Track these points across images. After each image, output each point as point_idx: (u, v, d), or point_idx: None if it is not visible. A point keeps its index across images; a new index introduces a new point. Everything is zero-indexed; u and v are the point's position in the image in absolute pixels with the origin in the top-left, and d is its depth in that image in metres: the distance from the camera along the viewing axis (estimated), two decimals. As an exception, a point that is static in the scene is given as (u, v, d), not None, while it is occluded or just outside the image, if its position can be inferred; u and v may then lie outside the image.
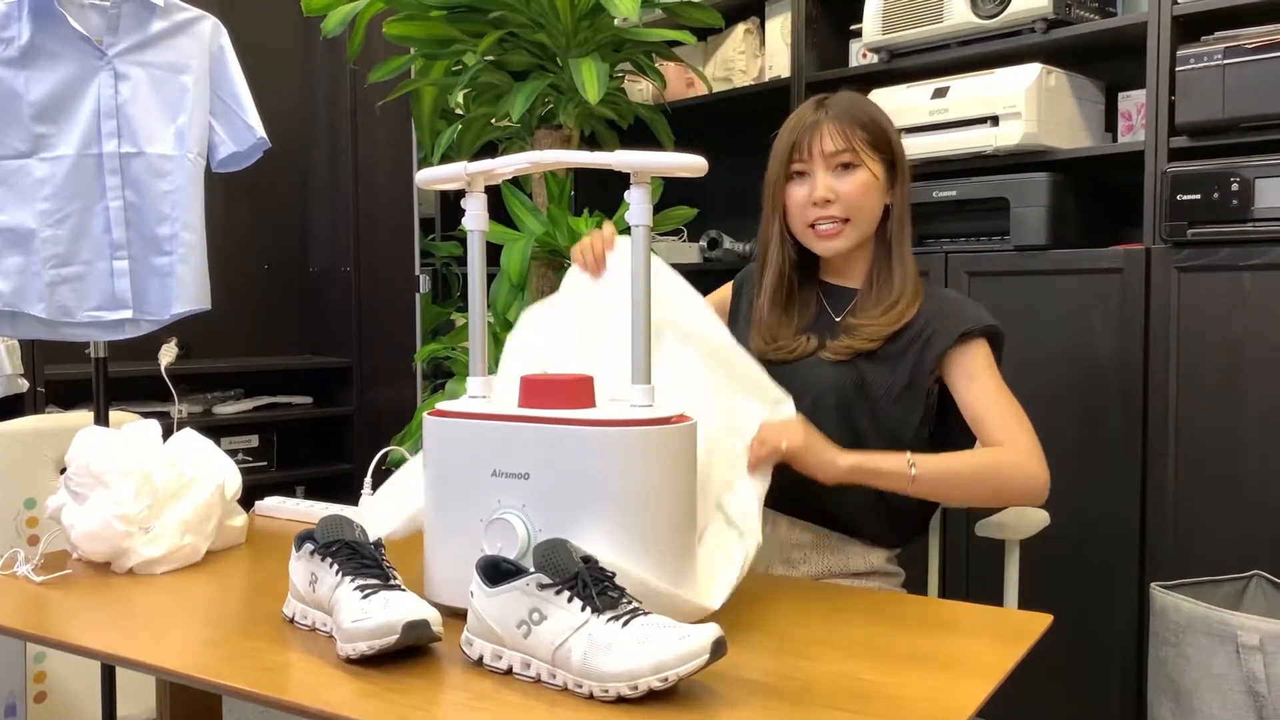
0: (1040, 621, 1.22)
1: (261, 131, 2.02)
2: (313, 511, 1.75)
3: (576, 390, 1.18)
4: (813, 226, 1.55)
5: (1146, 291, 2.24)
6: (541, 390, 1.17)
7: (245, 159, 2.04)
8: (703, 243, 3.33)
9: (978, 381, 1.50)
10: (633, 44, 2.70)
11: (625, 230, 1.24)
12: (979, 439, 1.49)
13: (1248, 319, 2.11)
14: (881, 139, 1.55)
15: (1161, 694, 2.04)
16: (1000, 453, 1.45)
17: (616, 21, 2.56)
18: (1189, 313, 2.19)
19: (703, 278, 2.72)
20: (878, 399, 1.51)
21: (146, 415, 2.40)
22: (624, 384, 1.18)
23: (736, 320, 1.70)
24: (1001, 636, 1.16)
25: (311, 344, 3.56)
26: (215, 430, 3.08)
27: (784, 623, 1.20)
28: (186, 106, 1.96)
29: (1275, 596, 2.06)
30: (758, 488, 1.34)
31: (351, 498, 3.15)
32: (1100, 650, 2.33)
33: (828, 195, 1.53)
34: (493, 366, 1.85)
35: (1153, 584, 2.11)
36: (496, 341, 2.73)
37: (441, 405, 1.23)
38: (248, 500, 1.60)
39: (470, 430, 1.18)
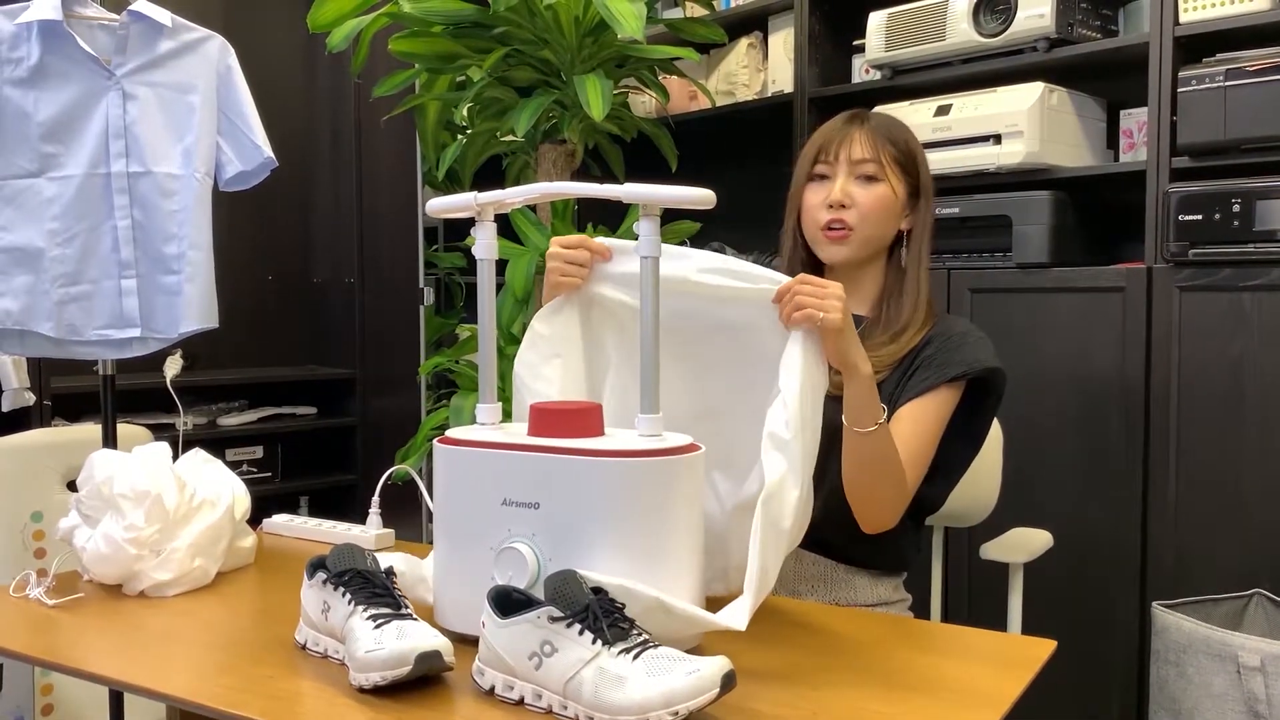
0: (1044, 647, 1.23)
1: (269, 151, 2.03)
2: (320, 530, 1.76)
3: (585, 419, 1.19)
4: (825, 229, 1.54)
5: (1148, 310, 2.25)
6: (551, 419, 1.18)
7: (253, 178, 2.05)
8: (705, 255, 3.33)
9: (915, 411, 1.46)
10: (636, 60, 2.71)
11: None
12: None
13: (1249, 339, 2.13)
14: (910, 161, 1.55)
15: (1163, 714, 2.05)
16: (903, 475, 1.43)
17: (620, 37, 2.57)
18: (1190, 332, 2.20)
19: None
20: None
21: (151, 427, 2.42)
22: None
23: None
24: (1006, 663, 1.17)
25: (315, 355, 3.57)
26: (220, 442, 3.09)
27: (793, 649, 1.21)
28: (194, 126, 1.97)
29: (1276, 615, 2.07)
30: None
31: (355, 508, 3.18)
32: (1101, 669, 2.34)
33: (843, 199, 1.52)
34: (501, 389, 1.85)
35: (1154, 603, 2.12)
36: (502, 355, 2.75)
37: (451, 433, 1.24)
38: (254, 510, 1.61)
39: (480, 459, 1.19)
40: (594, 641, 0.98)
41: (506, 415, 1.35)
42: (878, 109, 2.72)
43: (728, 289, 1.32)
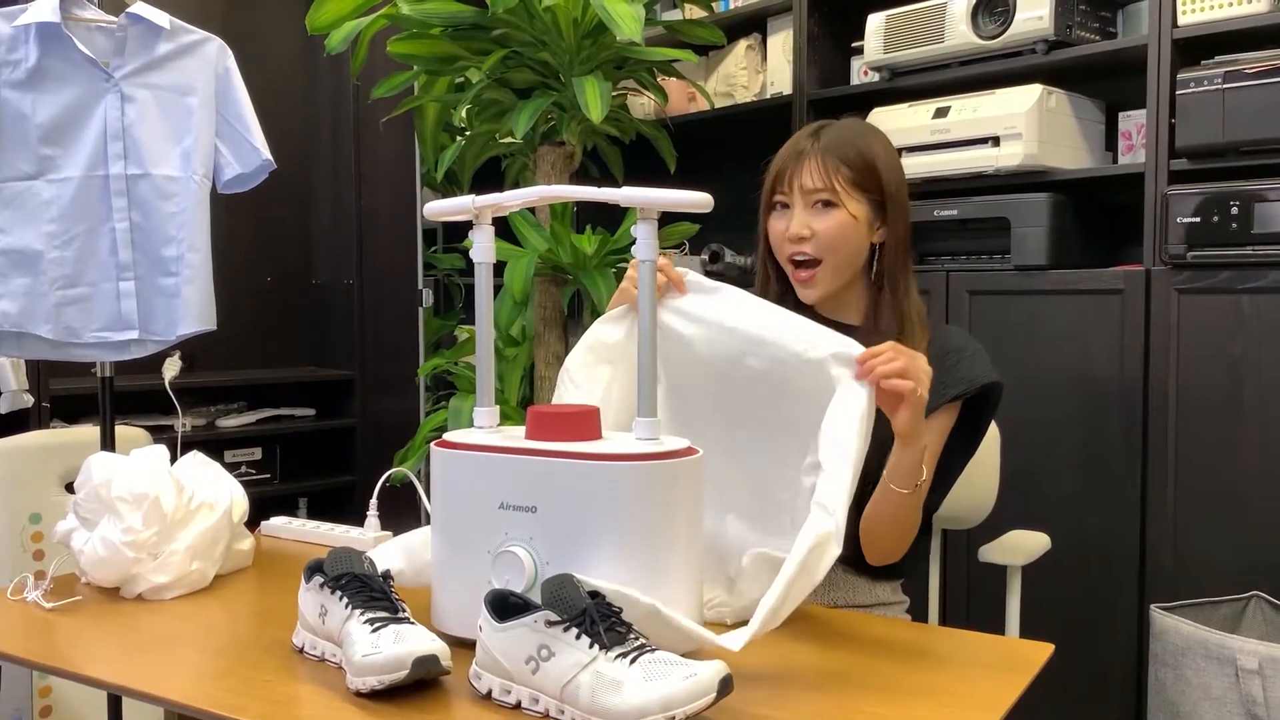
0: (1042, 651, 1.23)
1: (267, 153, 2.03)
2: (318, 532, 1.76)
3: (583, 422, 1.19)
4: (792, 265, 1.53)
5: (1146, 312, 2.25)
6: (548, 422, 1.18)
7: (251, 180, 2.05)
8: (704, 256, 3.34)
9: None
10: (635, 62, 2.71)
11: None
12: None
13: (1247, 341, 2.13)
14: (869, 177, 1.50)
15: (1161, 716, 2.05)
16: (918, 523, 1.46)
17: (618, 39, 2.58)
18: (1189, 334, 2.20)
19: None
20: (875, 448, 1.41)
21: (150, 429, 2.42)
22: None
23: None
24: (1004, 667, 1.17)
25: (314, 356, 3.57)
26: (218, 443, 3.09)
27: (791, 652, 1.21)
28: (192, 128, 1.97)
29: (1274, 617, 2.07)
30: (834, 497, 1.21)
31: (354, 510, 3.18)
32: (1100, 672, 2.34)
33: (801, 232, 1.50)
34: (499, 391, 1.85)
35: (1152, 606, 2.12)
36: (501, 357, 2.75)
37: (449, 436, 1.24)
38: (253, 512, 1.61)
39: (477, 463, 1.19)
40: (591, 646, 0.98)
41: (505, 418, 1.35)
42: (876, 111, 2.74)
43: (791, 342, 1.32)
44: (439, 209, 1.30)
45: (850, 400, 1.26)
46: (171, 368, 2.43)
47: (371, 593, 1.13)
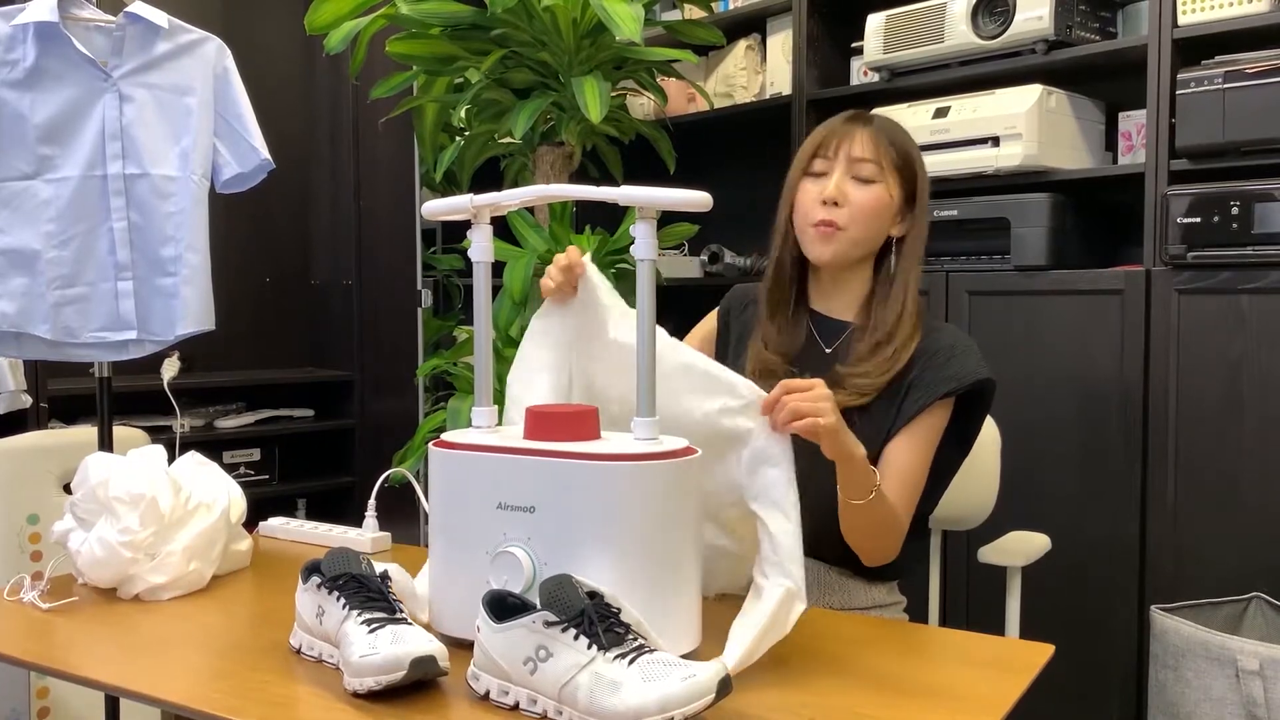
0: (1042, 652, 1.22)
1: (266, 153, 2.03)
2: (316, 533, 1.75)
3: (581, 422, 1.18)
4: (815, 226, 1.51)
5: (1147, 313, 2.25)
6: (547, 422, 1.18)
7: (249, 180, 2.05)
8: (704, 257, 3.34)
9: (911, 438, 1.46)
10: (634, 62, 2.71)
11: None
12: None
13: (1247, 341, 2.12)
14: (908, 167, 1.54)
15: (1162, 718, 2.05)
16: (901, 518, 1.45)
17: (618, 40, 2.57)
18: (1189, 334, 2.20)
19: (704, 292, 2.73)
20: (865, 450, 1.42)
21: (148, 430, 2.41)
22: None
23: (727, 347, 1.66)
24: (1004, 668, 1.17)
25: (313, 357, 3.56)
26: (217, 444, 3.08)
27: (789, 653, 1.20)
28: (191, 128, 1.97)
29: (1275, 618, 2.07)
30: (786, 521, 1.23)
31: (353, 511, 3.18)
32: (1100, 673, 2.33)
33: (837, 196, 1.50)
34: (498, 391, 1.85)
35: (1153, 607, 2.12)
36: (499, 358, 2.74)
37: (447, 436, 1.23)
38: (251, 512, 1.61)
39: (475, 463, 1.18)
40: (589, 646, 0.98)
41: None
42: (876, 111, 2.73)
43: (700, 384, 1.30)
44: (437, 208, 1.29)
45: (770, 450, 1.25)
46: (170, 368, 2.43)
47: (369, 593, 1.12)
